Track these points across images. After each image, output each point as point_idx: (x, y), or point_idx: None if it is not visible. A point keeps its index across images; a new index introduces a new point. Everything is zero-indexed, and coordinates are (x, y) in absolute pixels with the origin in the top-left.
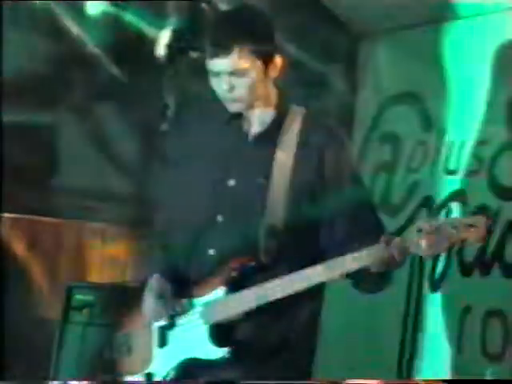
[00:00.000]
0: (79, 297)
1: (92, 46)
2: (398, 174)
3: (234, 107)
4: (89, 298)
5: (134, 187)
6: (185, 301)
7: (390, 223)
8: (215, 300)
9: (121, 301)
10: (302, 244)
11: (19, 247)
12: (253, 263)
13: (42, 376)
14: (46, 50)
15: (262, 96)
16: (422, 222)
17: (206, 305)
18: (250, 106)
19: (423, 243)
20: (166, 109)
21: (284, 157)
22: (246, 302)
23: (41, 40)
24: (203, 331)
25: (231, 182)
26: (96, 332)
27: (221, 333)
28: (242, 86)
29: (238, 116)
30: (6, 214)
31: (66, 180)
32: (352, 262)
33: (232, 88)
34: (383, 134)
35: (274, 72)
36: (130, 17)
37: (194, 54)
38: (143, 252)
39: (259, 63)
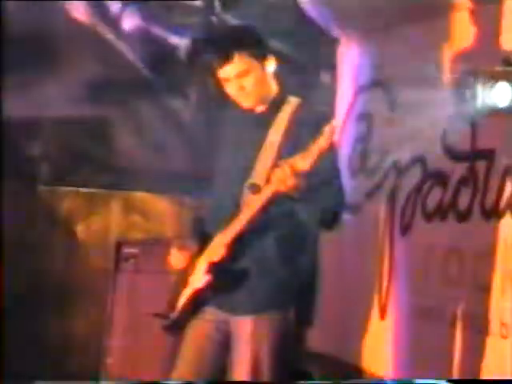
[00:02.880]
0: (126, 250)
1: (129, 54)
2: (372, 144)
3: (247, 104)
4: (134, 250)
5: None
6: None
7: (367, 182)
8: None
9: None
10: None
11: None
12: None
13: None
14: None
15: (266, 88)
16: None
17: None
18: (260, 102)
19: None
20: (187, 100)
21: (274, 134)
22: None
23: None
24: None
25: (241, 157)
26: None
27: (210, 265)
28: (249, 84)
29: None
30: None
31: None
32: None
33: (242, 88)
34: (359, 113)
35: (269, 68)
36: (156, 29)
37: (206, 56)
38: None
39: (256, 63)
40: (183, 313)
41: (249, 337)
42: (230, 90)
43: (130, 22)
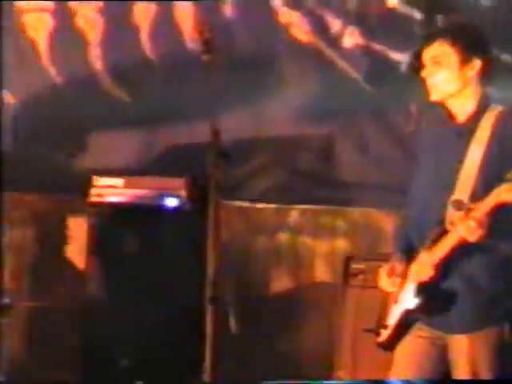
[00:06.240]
0: (355, 265)
1: (350, 71)
2: None
3: (434, 95)
4: (362, 266)
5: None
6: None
7: None
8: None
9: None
10: None
11: None
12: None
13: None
14: (314, 76)
15: (461, 90)
16: None
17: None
18: (449, 97)
19: None
20: (409, 114)
21: (477, 145)
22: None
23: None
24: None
25: (442, 169)
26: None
27: (419, 286)
28: (438, 74)
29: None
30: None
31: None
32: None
33: (431, 74)
34: None
35: (470, 71)
36: (377, 45)
37: None
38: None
39: (455, 58)
40: (395, 332)
41: (465, 356)
42: (424, 76)
43: (350, 39)
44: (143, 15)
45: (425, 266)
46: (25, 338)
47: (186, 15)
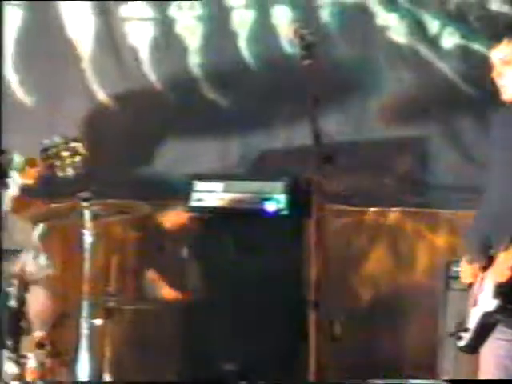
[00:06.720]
0: (455, 268)
1: (448, 72)
2: None
3: (505, 95)
4: None
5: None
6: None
7: None
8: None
9: None
10: None
11: None
12: None
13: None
14: (411, 78)
15: None
16: None
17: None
18: None
19: None
20: None
21: None
22: None
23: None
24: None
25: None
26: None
27: (497, 287)
28: (508, 73)
29: None
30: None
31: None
32: None
33: (500, 74)
34: None
35: None
36: (476, 45)
37: None
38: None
39: None
40: (476, 335)
41: None
42: (494, 76)
43: (449, 40)
44: (241, 21)
45: (503, 266)
46: (129, 340)
47: (283, 20)
